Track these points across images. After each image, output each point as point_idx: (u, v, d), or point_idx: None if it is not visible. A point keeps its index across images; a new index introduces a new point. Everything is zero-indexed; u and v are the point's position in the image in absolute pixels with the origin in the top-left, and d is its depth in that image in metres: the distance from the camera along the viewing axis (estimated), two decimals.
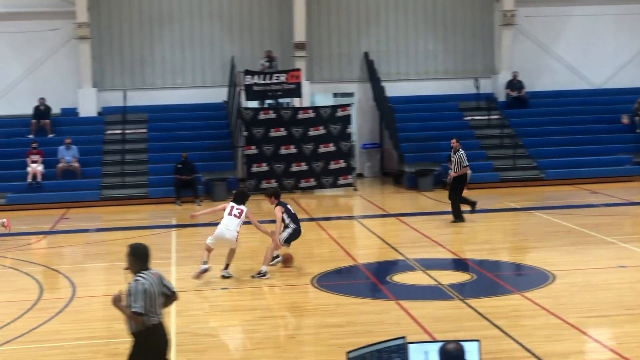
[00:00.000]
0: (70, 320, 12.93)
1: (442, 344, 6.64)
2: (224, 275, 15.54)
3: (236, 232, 15.49)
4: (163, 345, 8.46)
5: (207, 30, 33.37)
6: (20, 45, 32.19)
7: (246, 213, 15.66)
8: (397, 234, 20.64)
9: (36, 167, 28.15)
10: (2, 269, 17.05)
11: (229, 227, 15.47)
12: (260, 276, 15.59)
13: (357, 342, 10.11)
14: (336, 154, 29.10)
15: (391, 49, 34.19)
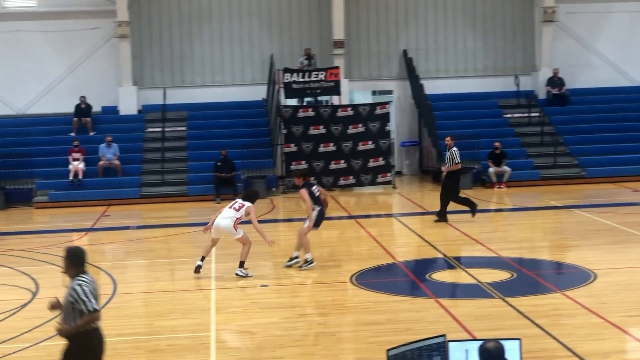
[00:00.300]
0: (111, 317, 13.03)
1: (481, 343, 6.63)
2: (237, 274, 15.49)
3: (231, 221, 15.49)
4: (100, 350, 8.37)
5: (247, 28, 33.47)
6: (61, 44, 32.51)
7: (247, 209, 15.68)
8: (436, 231, 20.56)
9: (78, 165, 28.41)
10: (44, 265, 17.23)
11: (223, 216, 15.63)
12: (308, 264, 15.94)
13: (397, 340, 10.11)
14: (375, 151, 29.08)
15: (430, 46, 34.09)
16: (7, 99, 32.47)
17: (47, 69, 32.50)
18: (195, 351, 10.96)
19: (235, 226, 15.54)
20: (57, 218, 25.55)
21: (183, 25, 33.27)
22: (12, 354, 11.07)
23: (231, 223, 15.50)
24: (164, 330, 12.16)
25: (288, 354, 10.67)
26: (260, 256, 17.89)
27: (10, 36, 32.30)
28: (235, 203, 15.86)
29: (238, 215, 15.60)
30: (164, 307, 13.54)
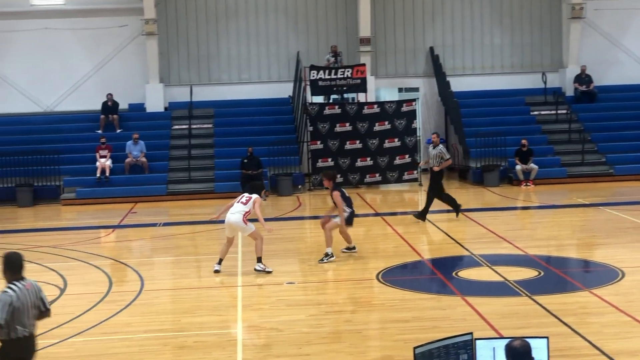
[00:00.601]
0: (138, 313, 13.10)
1: (508, 341, 6.60)
2: (256, 269, 15.67)
3: (240, 215, 15.61)
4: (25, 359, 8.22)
5: (273, 26, 33.51)
6: (89, 42, 32.69)
7: (254, 200, 15.81)
8: (462, 229, 20.51)
9: (105, 162, 28.56)
10: (72, 262, 17.34)
11: (232, 212, 15.75)
12: (328, 258, 16.22)
13: (423, 338, 10.08)
14: (401, 149, 29.04)
15: (457, 44, 33.99)
16: (36, 97, 32.69)
17: (74, 66, 32.70)
18: (221, 348, 11.00)
19: (244, 220, 15.65)
20: (85, 215, 25.70)
21: (210, 23, 33.36)
22: (40, 350, 11.11)
23: (240, 217, 15.62)
24: (190, 327, 12.21)
25: (314, 351, 10.68)
26: (287, 253, 17.93)
27: (39, 34, 32.51)
28: (242, 197, 16.01)
29: (247, 208, 15.72)
30: (190, 304, 13.59)
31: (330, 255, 16.37)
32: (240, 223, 15.64)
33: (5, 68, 32.58)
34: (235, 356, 10.60)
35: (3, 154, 28.45)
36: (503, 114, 31.96)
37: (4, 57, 32.59)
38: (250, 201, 15.80)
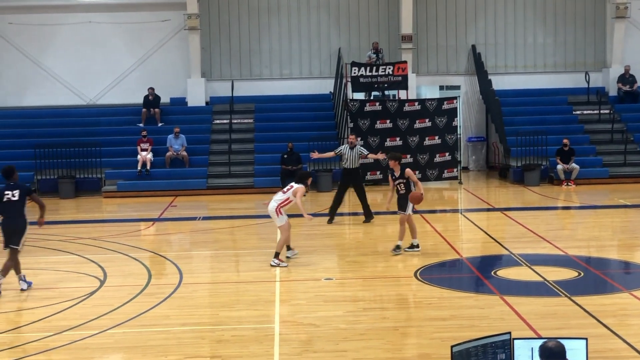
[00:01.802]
0: (177, 306, 13.17)
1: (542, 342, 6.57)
2: (272, 264, 15.79)
3: (275, 204, 15.82)
4: None
5: (315, 22, 33.55)
6: (132, 36, 32.96)
7: (294, 190, 15.92)
8: (502, 228, 20.41)
9: (146, 155, 28.76)
10: (112, 254, 17.48)
11: (273, 199, 16.05)
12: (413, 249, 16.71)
13: (461, 337, 10.06)
14: (441, 146, 28.95)
15: (499, 42, 33.82)
16: (79, 90, 33.03)
17: (117, 60, 32.99)
18: (259, 342, 11.02)
19: (278, 210, 15.78)
20: (125, 207, 25.90)
21: (252, 18, 33.47)
22: (79, 340, 11.24)
23: (275, 206, 15.78)
24: (228, 321, 12.25)
25: (351, 348, 10.67)
26: (326, 249, 17.93)
27: (82, 28, 32.83)
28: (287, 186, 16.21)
29: (284, 197, 15.86)
30: (228, 298, 13.64)
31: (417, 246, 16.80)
32: (272, 212, 15.85)
33: (50, 61, 32.95)
34: (273, 351, 10.61)
35: (46, 145, 28.75)
36: (545, 113, 31.76)
37: (48, 51, 32.97)
38: (290, 190, 15.93)
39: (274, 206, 15.80)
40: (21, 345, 11.06)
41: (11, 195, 14.27)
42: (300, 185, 16.01)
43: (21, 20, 32.68)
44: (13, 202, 14.22)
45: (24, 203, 14.35)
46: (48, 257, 17.47)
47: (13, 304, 13.51)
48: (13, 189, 14.37)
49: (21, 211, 14.30)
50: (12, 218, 14.28)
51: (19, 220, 14.27)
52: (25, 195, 14.40)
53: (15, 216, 14.25)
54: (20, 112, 32.38)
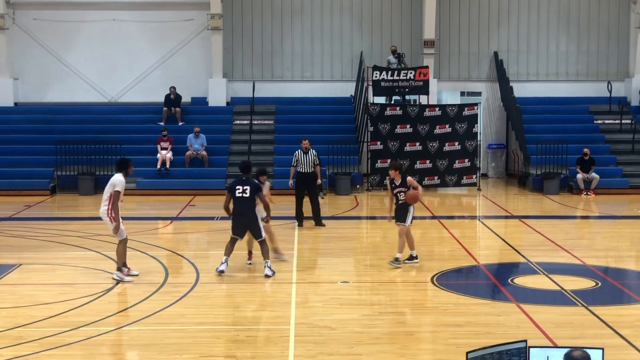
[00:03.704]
0: (193, 305, 13.21)
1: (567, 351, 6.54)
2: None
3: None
4: None
5: (337, 24, 33.58)
6: (155, 35, 33.08)
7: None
8: (519, 236, 20.36)
9: (166, 154, 28.85)
10: (130, 251, 17.51)
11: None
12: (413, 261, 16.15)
13: (476, 343, 10.04)
14: (461, 153, 28.90)
15: (522, 49, 33.75)
16: (101, 87, 33.16)
17: (140, 58, 33.12)
18: (274, 343, 11.04)
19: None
20: (144, 205, 25.98)
21: (274, 20, 33.53)
22: (95, 336, 11.29)
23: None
24: (244, 321, 12.27)
25: (366, 351, 10.67)
26: (343, 253, 17.94)
27: (106, 25, 32.97)
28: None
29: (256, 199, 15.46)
30: (244, 299, 13.66)
31: (415, 257, 16.24)
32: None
33: (73, 58, 33.11)
34: (287, 352, 10.63)
35: (67, 142, 28.87)
36: (566, 122, 31.65)
37: (72, 47, 33.12)
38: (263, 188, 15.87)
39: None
40: (38, 339, 11.11)
41: (242, 191, 15.13)
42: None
43: (45, 16, 32.85)
44: (245, 199, 15.08)
45: (254, 200, 15.14)
46: (66, 252, 17.55)
47: (31, 298, 13.57)
48: (244, 184, 15.20)
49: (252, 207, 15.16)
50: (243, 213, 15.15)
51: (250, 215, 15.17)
52: (255, 192, 15.14)
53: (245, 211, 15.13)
54: (42, 108, 32.56)
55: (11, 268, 15.88)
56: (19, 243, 18.85)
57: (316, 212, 21.06)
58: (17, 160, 29.39)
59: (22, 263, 16.31)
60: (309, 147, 21.20)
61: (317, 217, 21.04)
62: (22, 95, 33.18)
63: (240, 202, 15.21)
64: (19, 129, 31.17)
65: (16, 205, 25.35)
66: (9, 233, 20.16)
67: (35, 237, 19.55)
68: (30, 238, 19.29)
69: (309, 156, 21.01)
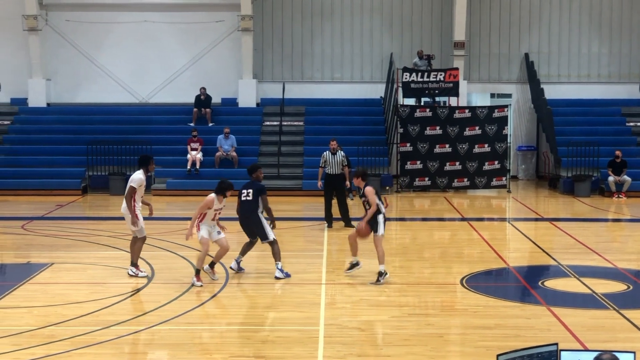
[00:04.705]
0: (222, 305, 13.25)
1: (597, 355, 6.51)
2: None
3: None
4: None
5: (368, 26, 33.57)
6: (186, 36, 33.22)
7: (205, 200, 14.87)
8: (550, 238, 20.26)
9: (195, 155, 28.95)
10: (160, 251, 17.62)
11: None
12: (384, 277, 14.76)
13: (506, 346, 10.01)
14: (491, 154, 28.79)
15: (553, 50, 33.57)
16: (132, 88, 33.35)
17: (170, 59, 33.27)
18: (303, 344, 11.05)
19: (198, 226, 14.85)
20: (173, 206, 26.08)
21: (305, 21, 33.57)
22: (126, 335, 11.36)
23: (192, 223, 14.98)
24: (273, 322, 12.30)
25: (395, 353, 10.66)
26: (372, 254, 17.91)
27: (137, 26, 33.15)
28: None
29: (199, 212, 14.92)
30: (274, 299, 13.70)
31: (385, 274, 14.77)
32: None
33: (104, 59, 33.32)
34: (316, 353, 10.64)
35: (98, 142, 29.07)
36: (597, 124, 31.44)
37: (103, 48, 33.34)
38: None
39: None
40: (69, 338, 11.19)
41: (246, 194, 15.20)
42: (212, 196, 14.82)
43: (77, 17, 33.09)
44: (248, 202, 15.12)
45: (257, 202, 15.13)
46: (97, 252, 17.67)
47: (62, 297, 13.67)
48: (248, 187, 15.33)
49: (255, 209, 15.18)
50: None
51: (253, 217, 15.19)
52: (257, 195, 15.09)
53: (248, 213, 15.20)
54: (74, 109, 32.82)
55: (43, 267, 16.01)
56: (51, 242, 19.00)
57: (345, 214, 21.06)
58: (49, 160, 29.64)
59: (54, 262, 16.43)
60: (337, 148, 21.18)
61: (346, 218, 21.04)
62: (55, 96, 33.44)
63: (244, 205, 15.25)
64: (52, 129, 31.45)
65: (48, 204, 25.56)
66: (41, 232, 20.32)
67: (66, 236, 19.70)
68: (62, 237, 19.44)
69: (337, 157, 21.00)
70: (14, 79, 33.00)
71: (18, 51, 33.23)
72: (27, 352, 10.61)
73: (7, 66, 33.27)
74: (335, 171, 21.00)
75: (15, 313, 12.66)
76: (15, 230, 20.73)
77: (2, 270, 16.96)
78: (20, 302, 13.33)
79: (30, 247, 18.52)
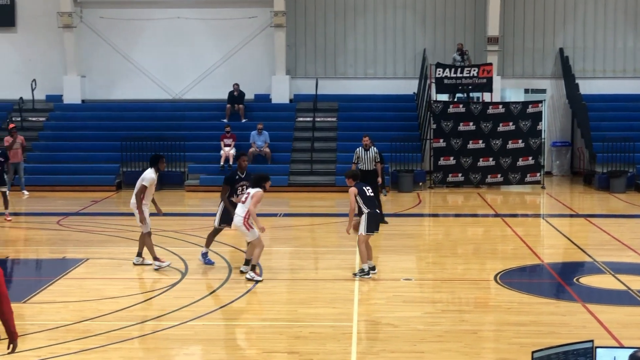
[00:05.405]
0: (256, 301, 13.29)
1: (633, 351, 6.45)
2: (241, 270, 14.96)
3: (241, 217, 14.54)
4: None
5: (401, 22, 33.49)
6: (219, 32, 33.32)
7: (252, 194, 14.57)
8: (585, 235, 20.11)
9: (229, 151, 29.03)
10: (194, 247, 17.68)
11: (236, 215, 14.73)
12: (362, 274, 14.70)
13: (540, 343, 9.95)
14: (525, 150, 28.64)
15: (588, 45, 33.32)
16: (165, 84, 33.50)
17: (203, 56, 33.39)
18: (336, 340, 11.05)
19: (247, 225, 14.56)
20: (207, 202, 26.14)
21: (337, 17, 33.55)
22: (160, 331, 11.42)
23: (241, 220, 14.55)
24: (306, 318, 12.30)
25: (428, 349, 10.64)
26: (405, 250, 17.91)
27: (171, 23, 33.30)
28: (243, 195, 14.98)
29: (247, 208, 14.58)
30: (307, 295, 13.70)
31: (366, 272, 14.72)
32: (241, 227, 14.60)
33: (138, 56, 33.51)
34: (350, 349, 10.63)
35: (132, 139, 29.22)
36: (633, 119, 31.18)
37: (137, 45, 33.53)
38: (248, 198, 14.61)
39: (240, 221, 14.46)
40: (104, 333, 11.27)
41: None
42: (258, 190, 14.62)
43: (112, 14, 33.31)
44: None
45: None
46: (132, 247, 17.73)
47: (97, 292, 13.77)
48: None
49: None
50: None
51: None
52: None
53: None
54: (108, 105, 33.05)
55: (78, 262, 16.14)
56: (86, 238, 19.15)
57: None
58: (83, 157, 29.86)
59: (89, 258, 16.55)
60: (370, 144, 21.12)
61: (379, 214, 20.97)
62: (89, 93, 33.67)
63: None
64: (86, 126, 31.69)
65: (83, 200, 25.75)
66: (76, 228, 20.48)
67: (101, 232, 19.84)
68: (96, 233, 19.58)
69: (370, 153, 20.96)
70: (49, 76, 33.29)
71: (53, 48, 33.51)
72: (62, 347, 10.70)
73: (42, 63, 33.57)
74: (368, 167, 20.96)
75: (51, 308, 12.77)
76: (50, 225, 20.91)
77: (39, 266, 17.12)
78: (56, 297, 13.44)
79: (66, 243, 18.68)
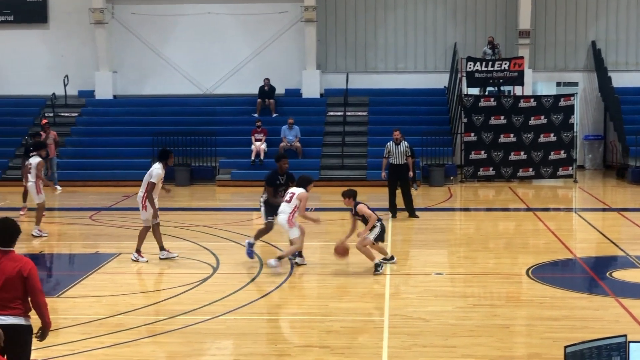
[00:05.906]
0: (287, 296, 13.32)
1: None
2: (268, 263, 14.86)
3: (285, 215, 14.90)
4: None
5: (431, 16, 33.40)
6: (249, 27, 33.40)
7: (299, 195, 14.98)
8: (618, 229, 19.97)
9: (260, 145, 29.10)
10: (225, 242, 17.75)
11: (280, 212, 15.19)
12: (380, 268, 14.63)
13: (573, 338, 9.89)
14: (557, 144, 28.47)
15: (620, 38, 33.07)
16: (196, 79, 33.63)
17: (234, 51, 33.47)
18: (368, 334, 11.06)
19: (290, 222, 14.84)
20: (238, 196, 26.26)
21: (368, 11, 33.51)
22: (192, 325, 11.47)
23: (285, 218, 14.86)
24: (338, 312, 12.31)
25: (460, 344, 10.61)
26: (436, 244, 17.88)
27: (202, 19, 33.40)
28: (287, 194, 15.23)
29: (292, 206, 14.88)
30: (338, 290, 13.71)
31: (381, 265, 14.71)
32: (284, 224, 14.95)
33: (169, 51, 33.66)
34: (382, 343, 10.63)
35: (164, 134, 29.36)
36: None
37: (168, 41, 33.68)
38: (294, 197, 14.96)
39: (285, 219, 14.83)
40: (136, 327, 11.34)
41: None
42: (303, 190, 15.06)
43: (143, 10, 33.46)
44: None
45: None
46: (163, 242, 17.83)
47: (130, 287, 13.86)
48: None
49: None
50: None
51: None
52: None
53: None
54: (140, 101, 33.23)
55: (111, 257, 16.25)
56: (118, 233, 19.27)
57: (409, 204, 21.00)
58: (115, 152, 30.04)
59: (121, 252, 16.65)
60: (401, 139, 21.09)
61: (410, 208, 20.98)
62: (121, 88, 33.87)
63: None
64: (118, 121, 31.88)
65: (115, 195, 25.90)
66: (108, 223, 20.62)
67: (133, 227, 19.90)
68: (128, 228, 19.67)
69: (400, 147, 20.93)
70: (81, 72, 33.51)
71: (85, 44, 33.73)
72: (95, 341, 10.78)
73: (75, 59, 33.81)
74: (399, 161, 20.93)
75: (85, 302, 12.87)
76: (83, 220, 21.07)
77: (72, 260, 17.26)
78: (89, 291, 13.55)
79: (98, 238, 18.81)
